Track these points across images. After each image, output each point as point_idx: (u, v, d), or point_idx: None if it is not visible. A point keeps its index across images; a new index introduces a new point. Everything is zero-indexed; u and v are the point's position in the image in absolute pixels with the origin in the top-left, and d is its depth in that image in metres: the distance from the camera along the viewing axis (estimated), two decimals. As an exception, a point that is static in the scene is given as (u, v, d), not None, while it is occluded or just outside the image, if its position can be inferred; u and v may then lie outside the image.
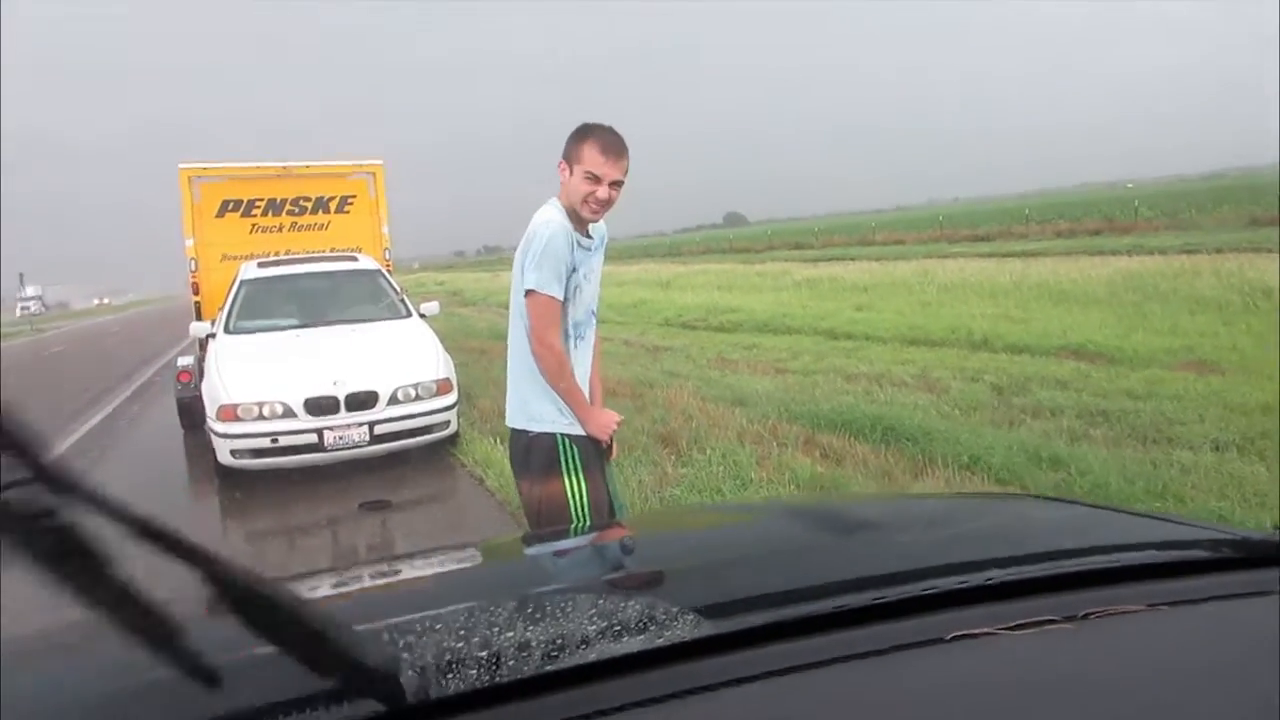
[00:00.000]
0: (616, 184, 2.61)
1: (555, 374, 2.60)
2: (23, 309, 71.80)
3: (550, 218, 2.59)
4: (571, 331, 2.70)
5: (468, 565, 1.35)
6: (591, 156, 2.56)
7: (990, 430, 6.20)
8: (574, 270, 2.62)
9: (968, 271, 19.01)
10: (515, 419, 2.71)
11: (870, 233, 44.74)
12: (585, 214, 2.61)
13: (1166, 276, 13.95)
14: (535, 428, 2.64)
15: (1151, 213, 31.27)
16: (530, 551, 1.43)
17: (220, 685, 0.77)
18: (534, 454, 2.64)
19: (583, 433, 2.64)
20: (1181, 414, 6.25)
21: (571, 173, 2.59)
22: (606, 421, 2.69)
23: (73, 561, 0.54)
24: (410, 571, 1.38)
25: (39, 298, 67.77)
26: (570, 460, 2.63)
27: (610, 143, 2.59)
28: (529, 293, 2.58)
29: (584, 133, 2.61)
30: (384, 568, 1.54)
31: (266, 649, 0.89)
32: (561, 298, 2.59)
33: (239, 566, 0.61)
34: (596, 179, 2.56)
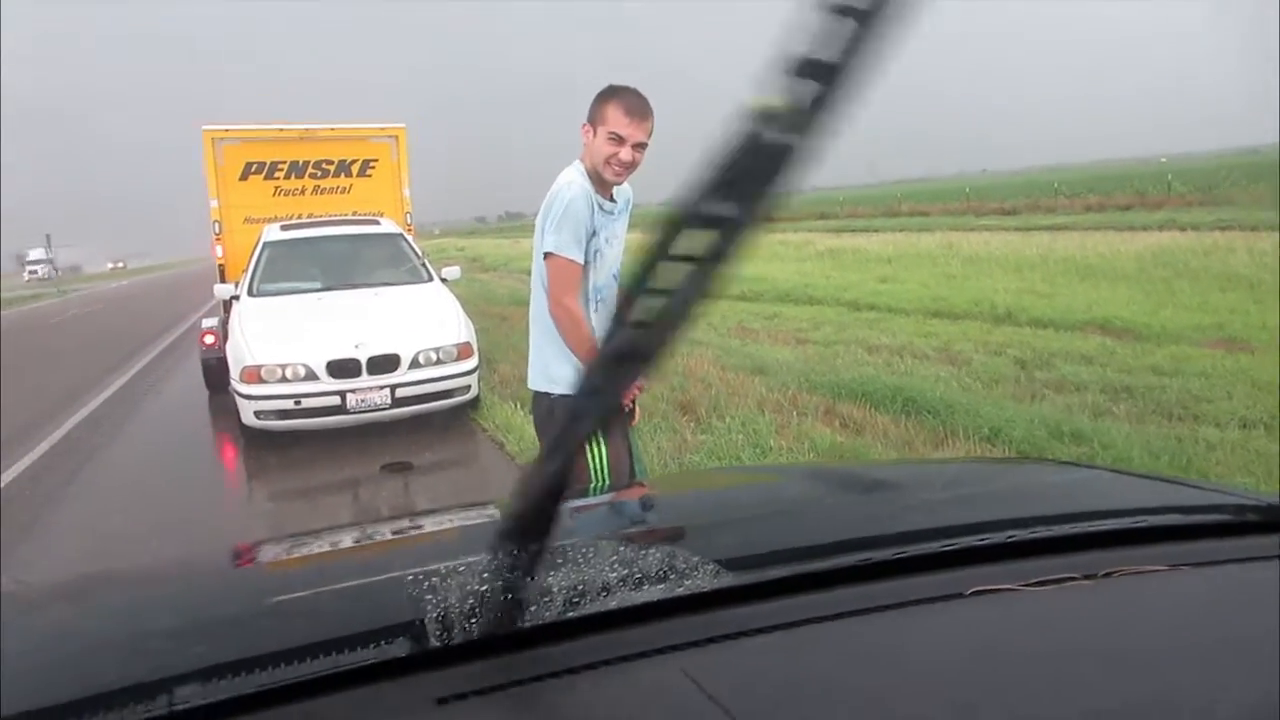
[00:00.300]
0: (640, 146, 2.59)
1: (573, 336, 2.60)
2: (30, 273, 66.25)
3: (571, 180, 2.59)
4: (592, 295, 2.69)
5: (487, 520, 1.36)
6: (615, 117, 2.55)
7: (1012, 404, 6.16)
8: (595, 234, 2.62)
9: (993, 245, 18.81)
10: (537, 381, 2.73)
11: (896, 204, 44.25)
12: (608, 176, 2.60)
13: (1198, 253, 13.75)
14: (556, 390, 2.65)
15: (1185, 188, 30.67)
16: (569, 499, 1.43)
17: (250, 628, 0.78)
18: (556, 416, 2.65)
19: None
20: (1209, 391, 6.18)
21: (595, 134, 2.59)
22: None
23: None
24: (432, 525, 1.40)
25: (49, 260, 62.46)
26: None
27: (634, 104, 2.57)
28: (547, 255, 2.59)
29: (608, 94, 2.59)
30: (405, 523, 1.56)
31: (295, 595, 0.91)
32: (581, 261, 2.60)
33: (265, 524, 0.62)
34: (620, 140, 2.56)
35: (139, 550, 4.32)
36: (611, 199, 2.68)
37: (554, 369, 2.66)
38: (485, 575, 0.67)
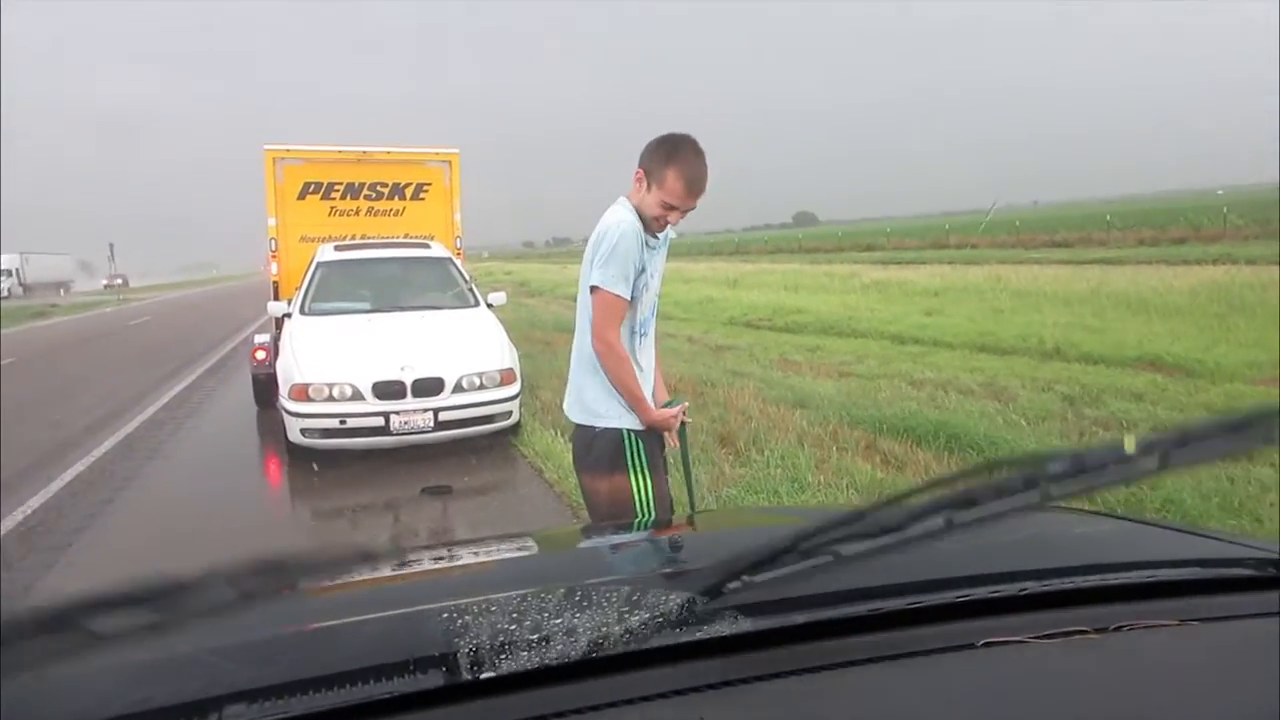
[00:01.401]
0: (690, 209, 2.62)
1: (614, 370, 2.62)
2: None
3: (622, 218, 2.59)
4: (637, 329, 2.72)
5: (523, 553, 1.40)
6: (674, 188, 2.55)
7: (1059, 441, 6.07)
8: (642, 270, 2.64)
9: (1043, 278, 18.54)
10: (577, 414, 2.73)
11: (943, 236, 43.84)
12: (655, 227, 2.63)
13: (1254, 288, 13.41)
14: (600, 424, 2.66)
15: (1242, 221, 29.96)
16: (582, 544, 1.47)
17: (282, 655, 0.83)
18: (597, 449, 2.66)
19: (643, 427, 2.66)
20: (1263, 433, 6.03)
21: (649, 189, 2.58)
22: (666, 416, 2.70)
23: None
24: (468, 557, 1.44)
25: (12, 273, 53.21)
26: (635, 455, 2.65)
27: (695, 178, 2.57)
28: (594, 289, 2.60)
29: (671, 156, 2.56)
30: (443, 552, 1.60)
31: (334, 621, 0.95)
32: (628, 297, 2.61)
33: (305, 546, 0.67)
34: (673, 208, 2.58)
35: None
36: (655, 235, 2.71)
37: (598, 403, 2.67)
38: (515, 613, 0.71)
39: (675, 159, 2.55)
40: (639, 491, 2.64)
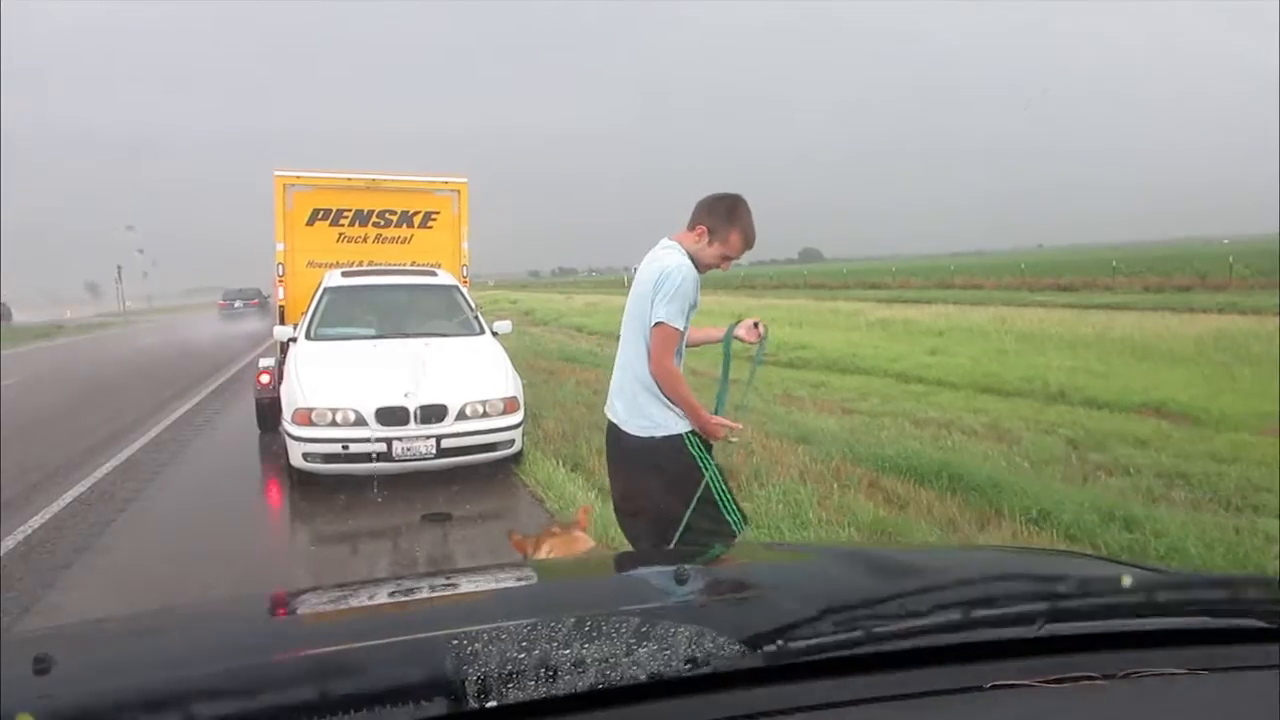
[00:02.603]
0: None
1: (675, 390, 3.05)
2: None
3: (681, 262, 3.02)
4: (684, 353, 3.18)
5: (525, 582, 1.40)
6: (735, 244, 3.08)
7: (1062, 485, 6.05)
8: (694, 306, 3.09)
9: (1048, 321, 18.57)
10: (641, 427, 3.10)
11: (949, 276, 43.98)
12: (703, 270, 3.13)
13: (1260, 338, 13.41)
14: (661, 432, 3.07)
15: (1248, 271, 30.03)
16: (590, 574, 1.47)
17: (293, 681, 0.82)
18: (662, 454, 3.07)
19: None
20: (1269, 481, 6.00)
21: (710, 243, 3.06)
22: (717, 423, 3.12)
23: None
24: (468, 585, 1.44)
25: None
26: (699, 449, 3.10)
27: (751, 237, 3.12)
28: (659, 324, 3.00)
29: (732, 216, 3.06)
30: (443, 580, 1.59)
31: (334, 648, 0.95)
32: (684, 329, 3.06)
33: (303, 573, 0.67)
34: (728, 258, 3.11)
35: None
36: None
37: (656, 415, 3.09)
38: (524, 642, 0.71)
39: (737, 219, 3.07)
40: (714, 480, 3.10)
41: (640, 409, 3.09)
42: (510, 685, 0.69)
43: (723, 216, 3.04)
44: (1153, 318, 18.49)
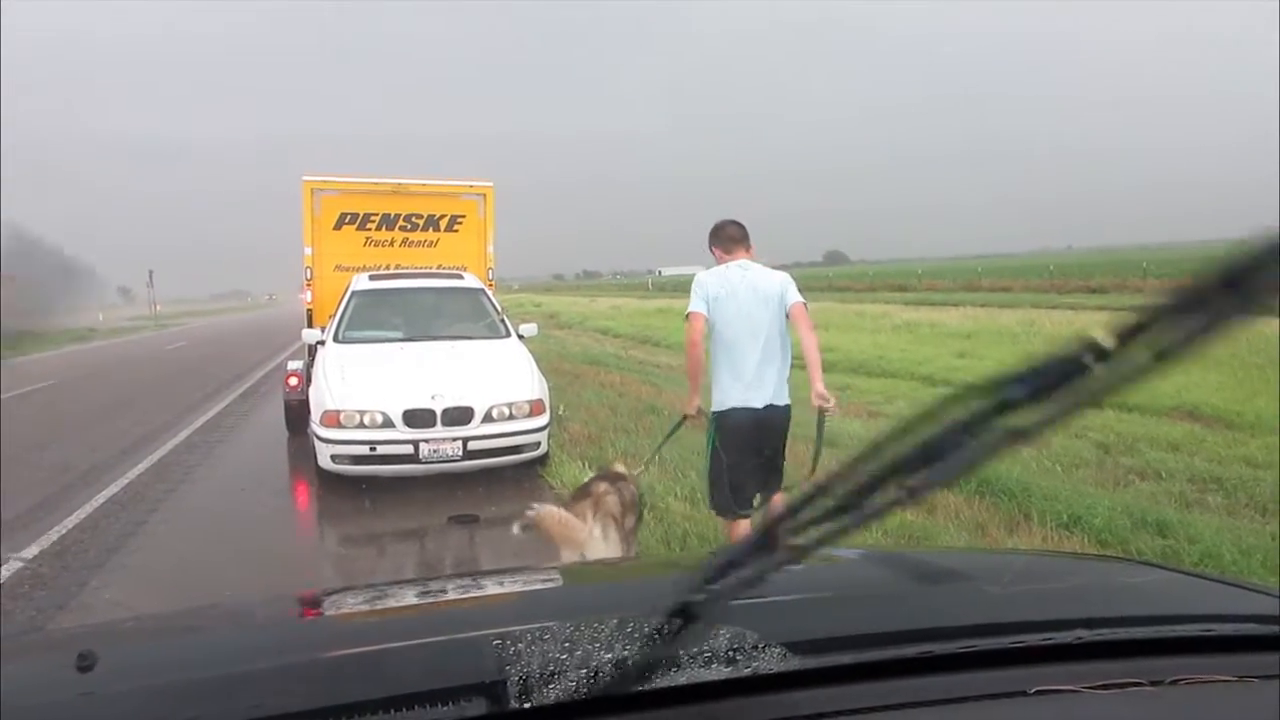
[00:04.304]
0: None
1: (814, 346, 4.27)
2: None
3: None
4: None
5: (553, 584, 1.40)
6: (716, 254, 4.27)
7: (1093, 490, 5.97)
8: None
9: (1078, 323, 18.34)
10: (787, 398, 4.19)
11: (976, 278, 43.55)
12: None
13: (1296, 340, 13.16)
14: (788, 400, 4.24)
15: (1284, 272, 29.43)
16: (623, 577, 1.47)
17: (334, 678, 0.83)
18: (788, 419, 4.24)
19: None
20: (1307, 487, 5.89)
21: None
22: (693, 405, 4.33)
23: None
24: (495, 586, 1.44)
25: None
26: (711, 434, 4.20)
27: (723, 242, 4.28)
28: (805, 304, 4.17)
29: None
30: (470, 580, 1.60)
31: (368, 648, 0.95)
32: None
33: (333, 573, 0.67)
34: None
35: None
36: None
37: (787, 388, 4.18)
38: (566, 643, 0.71)
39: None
40: (710, 455, 4.19)
41: (784, 384, 4.12)
42: (552, 686, 0.69)
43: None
44: (1185, 320, 18.14)
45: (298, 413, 7.89)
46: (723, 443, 4.08)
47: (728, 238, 4.21)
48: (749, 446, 4.05)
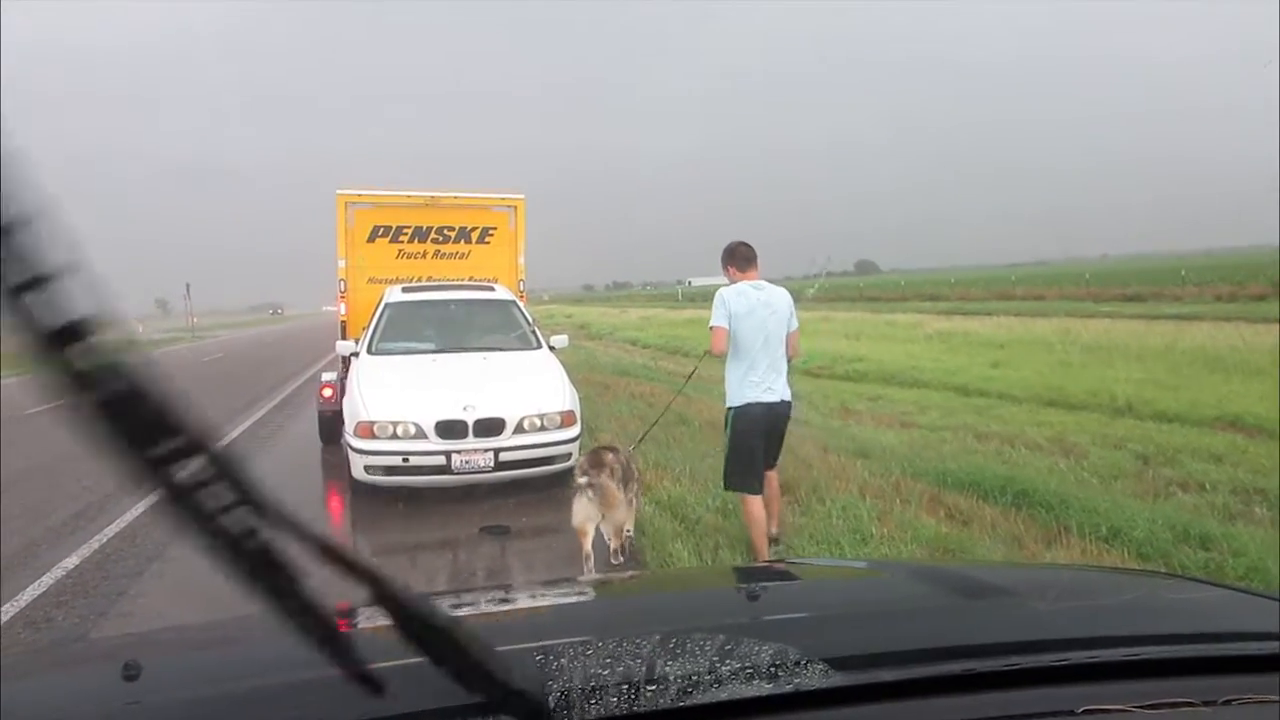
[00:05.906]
0: None
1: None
2: None
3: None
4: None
5: (587, 598, 1.40)
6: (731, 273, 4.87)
7: (1132, 502, 5.86)
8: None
9: (1114, 332, 18.08)
10: (789, 395, 4.86)
11: (1010, 287, 43.08)
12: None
13: (1342, 350, 12.87)
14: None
15: (1328, 279, 28.85)
16: (669, 590, 1.46)
17: (375, 689, 0.83)
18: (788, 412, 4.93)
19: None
20: (1355, 499, 5.75)
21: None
22: None
23: (265, 574, 0.61)
24: (527, 600, 1.44)
25: None
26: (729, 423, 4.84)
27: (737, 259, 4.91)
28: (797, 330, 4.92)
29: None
30: (502, 594, 1.60)
31: (420, 659, 0.96)
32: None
33: (397, 582, 0.67)
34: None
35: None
36: None
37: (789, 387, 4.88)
38: (608, 658, 0.71)
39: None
40: (729, 440, 4.82)
41: (787, 383, 4.80)
42: (593, 701, 0.69)
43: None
44: (1225, 328, 17.86)
45: (331, 423, 7.96)
46: (741, 431, 4.71)
47: (742, 258, 4.80)
48: (760, 434, 4.73)
